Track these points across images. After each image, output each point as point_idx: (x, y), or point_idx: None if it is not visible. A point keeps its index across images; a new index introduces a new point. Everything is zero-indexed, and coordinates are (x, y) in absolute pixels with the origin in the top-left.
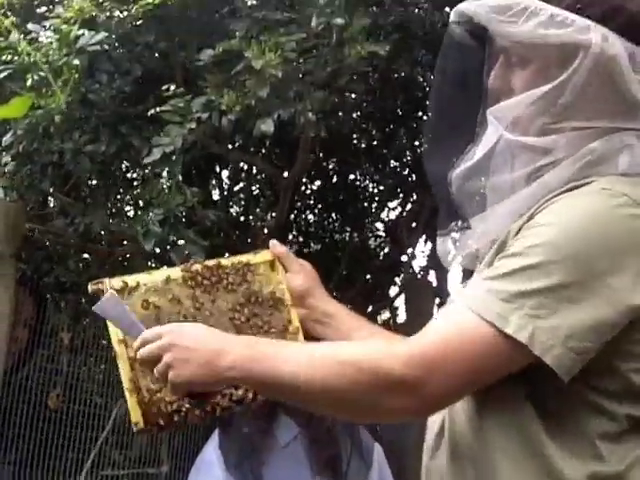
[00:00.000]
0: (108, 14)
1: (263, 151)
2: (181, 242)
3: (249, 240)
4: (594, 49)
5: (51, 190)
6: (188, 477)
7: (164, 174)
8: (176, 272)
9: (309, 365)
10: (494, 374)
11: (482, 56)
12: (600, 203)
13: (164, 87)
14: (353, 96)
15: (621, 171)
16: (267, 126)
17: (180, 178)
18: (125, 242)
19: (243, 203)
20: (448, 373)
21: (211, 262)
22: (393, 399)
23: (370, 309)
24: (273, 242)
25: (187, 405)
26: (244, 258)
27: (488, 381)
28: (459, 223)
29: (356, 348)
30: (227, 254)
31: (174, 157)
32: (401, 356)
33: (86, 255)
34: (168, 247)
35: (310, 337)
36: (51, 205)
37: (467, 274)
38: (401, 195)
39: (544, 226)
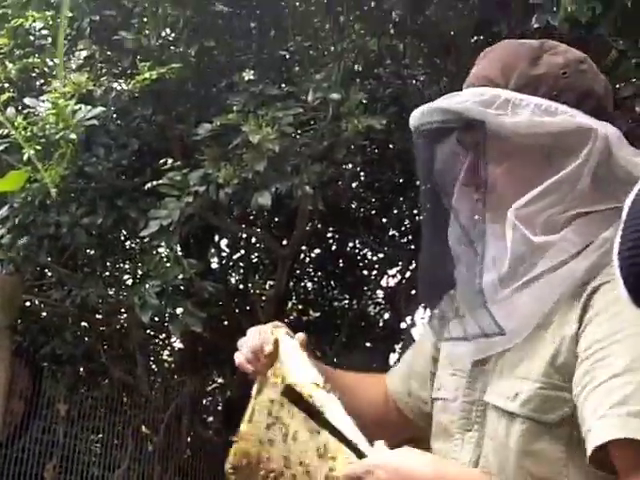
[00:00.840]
0: (105, 88)
1: (261, 221)
2: (179, 312)
3: (248, 308)
4: (601, 131)
5: (48, 261)
6: None
7: (161, 248)
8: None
9: None
10: None
11: (469, 152)
12: None
13: (161, 160)
14: (350, 167)
15: None
16: (265, 199)
17: (178, 249)
18: (123, 312)
19: (242, 272)
20: None
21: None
22: None
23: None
24: None
25: None
26: None
27: None
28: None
29: None
30: (226, 322)
31: (171, 229)
32: None
33: (84, 323)
34: (166, 318)
35: None
36: (48, 275)
37: None
38: (400, 263)
39: (629, 337)
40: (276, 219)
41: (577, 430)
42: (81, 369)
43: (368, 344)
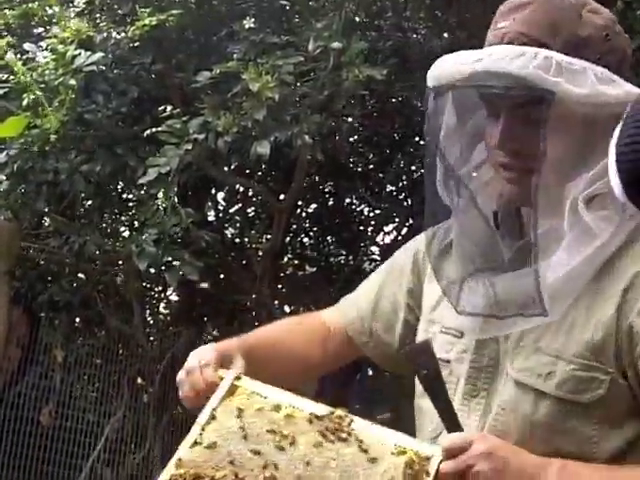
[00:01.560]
0: (105, 35)
1: (259, 174)
2: (176, 263)
3: (244, 262)
4: None
5: (46, 210)
6: None
7: (159, 195)
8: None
9: None
10: None
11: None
12: None
13: (160, 108)
14: (350, 120)
15: None
16: (263, 148)
17: (175, 199)
18: (120, 262)
19: (238, 226)
20: None
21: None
22: None
23: None
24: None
25: None
26: None
27: None
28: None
29: None
30: (222, 275)
31: (170, 178)
32: None
33: (81, 272)
34: (162, 268)
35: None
36: (45, 225)
37: None
38: (397, 219)
39: None
40: (273, 173)
41: (610, 410)
42: (78, 317)
43: None
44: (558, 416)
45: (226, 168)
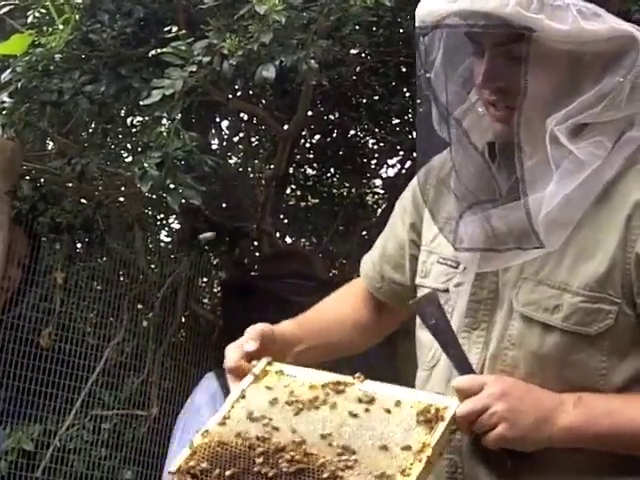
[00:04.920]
0: None
1: (264, 102)
2: (178, 187)
3: (247, 190)
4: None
5: (49, 131)
6: (177, 420)
7: (163, 121)
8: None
9: None
10: None
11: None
12: None
13: (166, 29)
14: (356, 51)
15: None
16: (269, 72)
17: (179, 122)
18: (122, 186)
19: (241, 154)
20: None
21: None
22: None
23: None
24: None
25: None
26: None
27: None
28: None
29: None
30: (224, 204)
31: (174, 100)
32: None
33: (83, 197)
34: (165, 192)
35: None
36: (49, 149)
37: None
38: (401, 153)
39: None
40: (278, 101)
41: (618, 341)
42: (79, 240)
43: (364, 233)
44: (566, 349)
45: (231, 95)
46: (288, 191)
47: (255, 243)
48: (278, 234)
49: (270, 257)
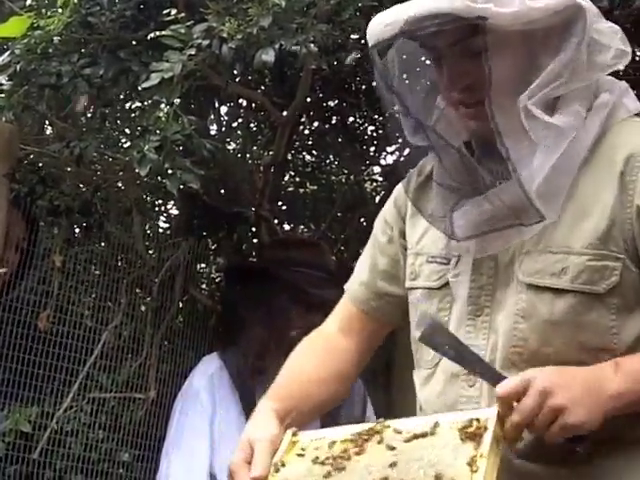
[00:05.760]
0: None
1: (263, 88)
2: (177, 171)
3: (245, 176)
4: (584, 4)
5: (48, 114)
6: (174, 402)
7: (162, 105)
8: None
9: None
10: None
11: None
12: None
13: (165, 12)
14: (356, 36)
15: (634, 112)
16: (268, 56)
17: (178, 106)
18: (120, 171)
19: (240, 140)
20: None
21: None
22: None
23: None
24: None
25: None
26: None
27: None
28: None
29: None
30: (222, 190)
31: (172, 84)
32: None
33: (81, 181)
34: (163, 177)
35: None
36: (47, 133)
37: None
38: (400, 140)
39: None
40: (277, 87)
41: (626, 297)
42: (77, 224)
43: (362, 220)
44: (577, 311)
45: (230, 80)
46: (287, 177)
47: (253, 229)
48: (276, 220)
49: (278, 243)
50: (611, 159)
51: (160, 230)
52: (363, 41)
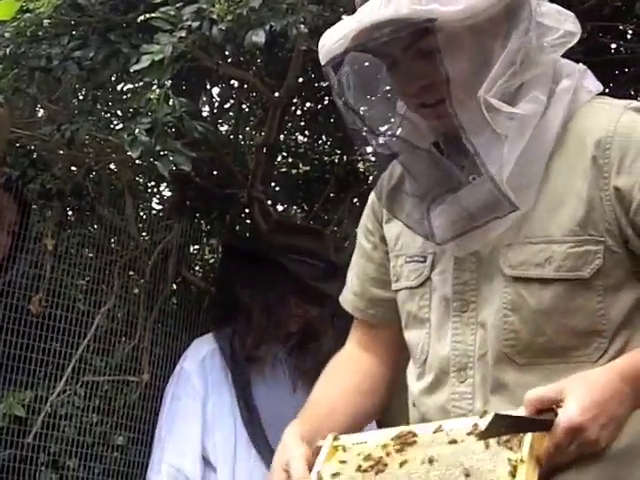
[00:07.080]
0: None
1: (254, 69)
2: (168, 153)
3: (238, 157)
4: None
5: (38, 97)
6: (167, 385)
7: (153, 88)
8: None
9: None
10: None
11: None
12: None
13: None
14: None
15: (595, 92)
16: (259, 37)
17: (169, 88)
18: (112, 153)
19: (232, 122)
20: None
21: None
22: None
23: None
24: None
25: None
26: None
27: None
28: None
29: None
30: (215, 172)
31: (163, 66)
32: None
33: (73, 164)
34: (155, 159)
35: None
36: (38, 116)
37: None
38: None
39: None
40: (269, 68)
41: (610, 278)
42: (69, 207)
43: (355, 200)
44: (564, 297)
45: (221, 61)
46: (279, 158)
47: (246, 210)
48: (269, 201)
49: (282, 227)
50: (581, 144)
51: (153, 212)
52: None
